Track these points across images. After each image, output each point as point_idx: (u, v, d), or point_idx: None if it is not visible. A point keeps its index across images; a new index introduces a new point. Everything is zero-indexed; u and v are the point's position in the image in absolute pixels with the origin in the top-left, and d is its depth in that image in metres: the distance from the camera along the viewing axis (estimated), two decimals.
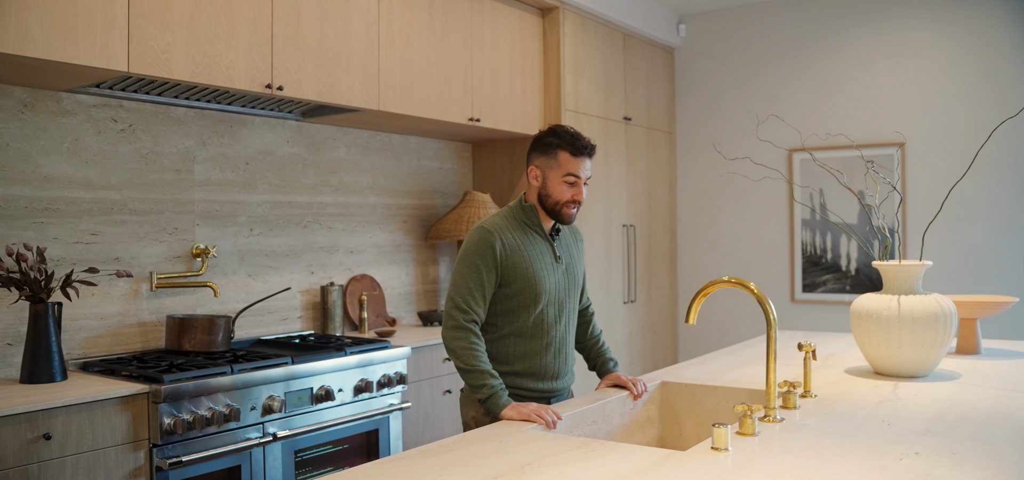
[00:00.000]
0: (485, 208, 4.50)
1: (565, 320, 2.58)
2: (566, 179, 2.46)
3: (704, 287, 2.28)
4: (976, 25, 5.04)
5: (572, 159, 2.45)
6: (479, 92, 4.30)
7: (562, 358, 2.58)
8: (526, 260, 2.46)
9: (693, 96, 5.98)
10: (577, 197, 2.47)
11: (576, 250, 2.68)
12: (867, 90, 5.34)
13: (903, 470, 1.68)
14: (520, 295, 2.46)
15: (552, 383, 2.56)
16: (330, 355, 3.28)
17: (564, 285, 2.56)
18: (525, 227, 2.53)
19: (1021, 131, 4.82)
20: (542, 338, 2.52)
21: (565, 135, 2.47)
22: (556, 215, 2.50)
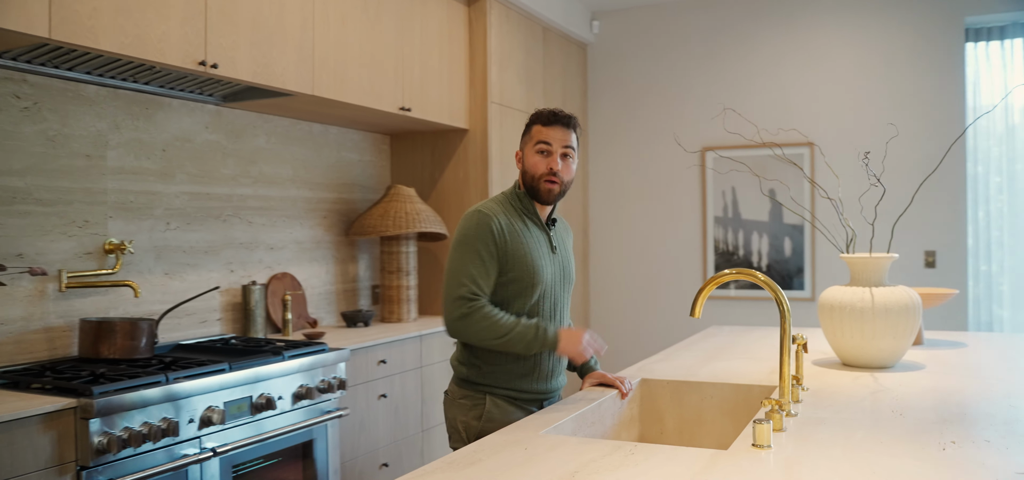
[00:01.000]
0: (411, 203, 4.28)
1: (559, 316, 2.44)
2: (538, 147, 2.32)
3: (711, 279, 2.20)
4: (880, 32, 5.27)
5: (543, 128, 2.33)
6: (409, 81, 4.09)
7: (556, 357, 2.43)
8: (524, 247, 2.31)
9: (605, 93, 5.97)
10: (552, 166, 2.30)
11: (570, 243, 2.56)
12: (778, 91, 5.49)
13: (958, 458, 1.65)
14: (516, 283, 2.30)
15: (546, 384, 2.41)
16: (267, 360, 3.00)
17: (559, 278, 2.43)
18: (521, 214, 2.38)
19: (924, 134, 5.07)
20: None
21: (539, 110, 2.37)
22: (535, 193, 2.33)
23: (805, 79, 5.44)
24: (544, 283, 2.34)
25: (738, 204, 5.59)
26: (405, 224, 4.19)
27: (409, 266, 4.35)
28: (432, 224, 4.31)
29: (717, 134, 5.60)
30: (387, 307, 4.33)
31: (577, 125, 2.39)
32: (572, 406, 2.23)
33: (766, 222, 5.51)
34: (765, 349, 3.20)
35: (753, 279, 2.13)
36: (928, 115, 5.09)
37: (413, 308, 4.36)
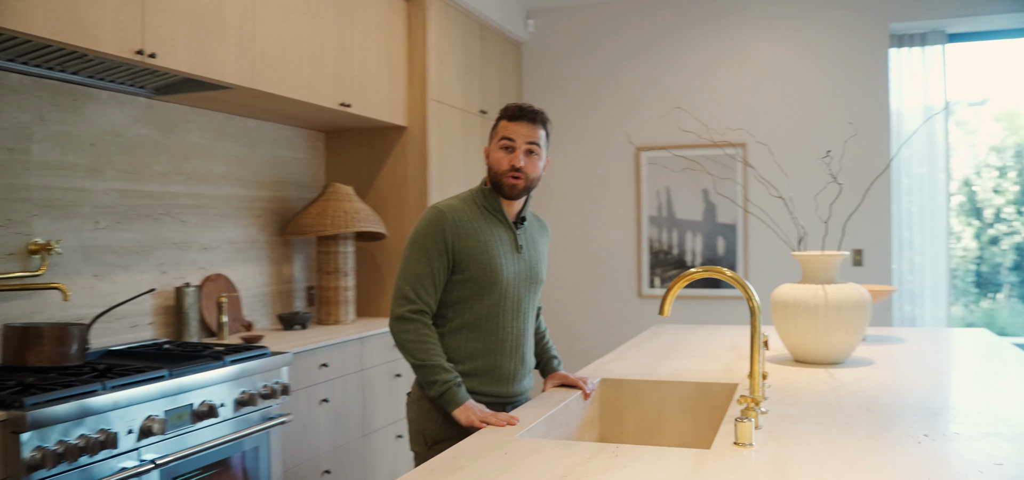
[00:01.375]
0: (349, 201, 4.17)
1: (523, 318, 2.36)
2: (502, 143, 2.27)
3: (678, 278, 2.18)
4: (809, 36, 5.41)
5: (509, 123, 2.29)
6: (349, 77, 3.97)
7: (519, 359, 2.36)
8: (482, 244, 2.25)
9: (540, 92, 5.95)
10: (515, 163, 2.25)
11: (543, 243, 2.48)
12: (711, 93, 5.57)
13: (936, 451, 1.67)
14: (473, 282, 2.24)
15: (507, 387, 2.34)
16: (209, 366, 2.85)
17: (524, 278, 2.34)
18: (484, 211, 2.32)
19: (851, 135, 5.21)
20: (496, 334, 2.29)
21: (506, 106, 2.32)
22: (499, 189, 2.29)
23: (737, 81, 5.54)
24: (503, 283, 2.27)
25: (672, 204, 5.65)
26: (343, 223, 4.07)
27: (347, 267, 4.23)
28: (371, 223, 4.20)
29: (651, 134, 5.66)
30: (324, 309, 4.21)
31: (545, 121, 2.34)
32: (540, 408, 2.19)
33: (700, 222, 5.59)
34: (715, 347, 3.22)
35: (721, 276, 2.13)
36: (855, 117, 5.24)
37: (351, 310, 4.25)
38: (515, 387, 2.36)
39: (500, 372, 2.31)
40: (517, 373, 2.36)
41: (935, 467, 1.58)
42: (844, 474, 1.55)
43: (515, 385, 2.36)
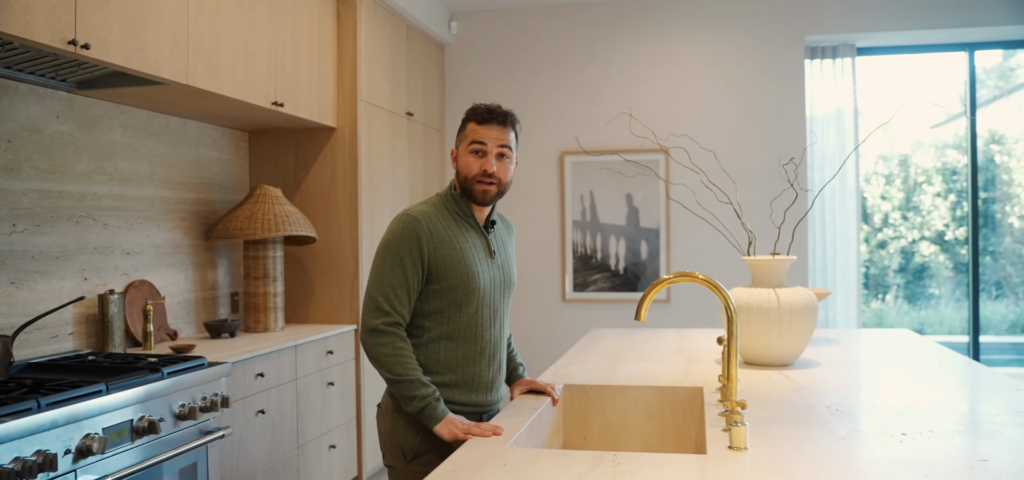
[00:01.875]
0: (279, 204, 4.02)
1: (498, 324, 2.29)
2: (472, 147, 2.18)
3: (656, 283, 2.19)
4: (729, 46, 5.57)
5: (477, 127, 2.19)
6: (282, 75, 3.83)
7: (496, 367, 2.30)
8: (458, 253, 2.17)
9: (463, 96, 5.91)
10: (486, 168, 2.16)
11: (511, 245, 2.42)
12: (634, 99, 5.66)
13: (921, 448, 1.72)
14: (451, 292, 2.17)
15: (486, 396, 2.28)
16: (146, 379, 2.68)
17: (499, 284, 2.28)
18: (456, 216, 2.23)
19: (770, 139, 5.40)
20: (476, 343, 2.22)
21: (474, 107, 2.23)
22: (470, 194, 2.20)
23: (660, 87, 5.65)
24: (480, 291, 2.20)
25: (596, 208, 5.71)
26: (274, 227, 3.92)
27: (276, 272, 4.08)
28: (301, 227, 4.06)
29: (575, 138, 5.70)
30: (252, 316, 4.04)
31: (515, 122, 2.26)
32: (519, 416, 2.14)
33: (623, 226, 5.67)
34: (662, 350, 3.26)
35: (693, 281, 2.14)
36: (772, 125, 5.43)
37: (280, 316, 4.09)
38: (492, 395, 2.31)
39: (479, 381, 2.25)
40: (495, 382, 2.31)
41: (928, 465, 1.63)
42: (847, 475, 1.58)
43: (492, 393, 2.31)
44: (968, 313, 5.91)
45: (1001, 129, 6.49)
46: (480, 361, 2.25)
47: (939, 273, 6.62)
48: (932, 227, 6.89)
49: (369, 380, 4.47)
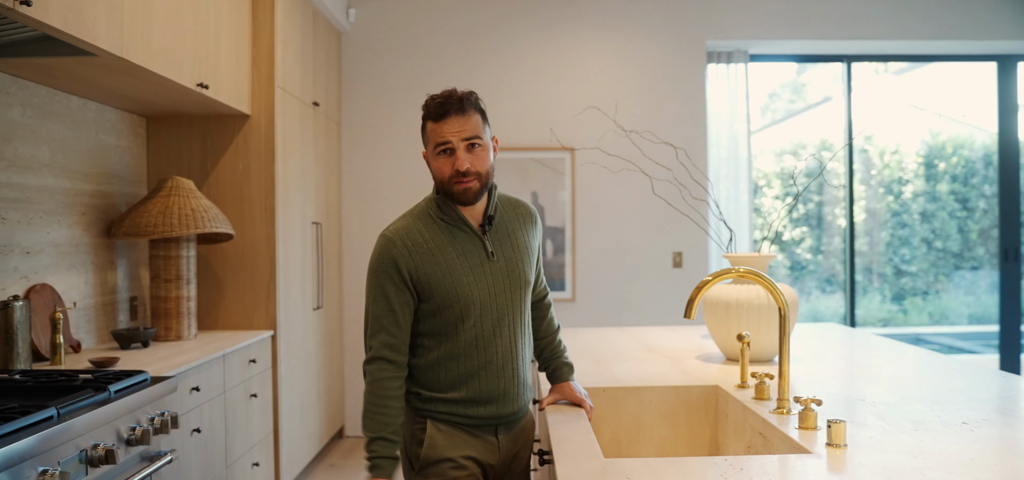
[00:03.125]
0: (194, 198, 3.62)
1: (509, 330, 2.07)
2: (438, 150, 1.99)
3: (707, 280, 2.11)
4: (633, 47, 5.62)
5: (436, 125, 2.00)
6: (206, 55, 3.44)
7: (510, 375, 2.08)
8: (443, 268, 1.99)
9: (360, 88, 5.61)
10: (459, 167, 1.97)
11: (523, 235, 2.14)
12: (540, 97, 5.59)
13: (987, 435, 1.75)
14: (444, 311, 2.00)
15: (499, 408, 2.08)
16: (93, 400, 2.30)
17: (503, 287, 2.05)
18: (442, 223, 2.04)
19: (675, 138, 5.50)
20: (478, 358, 2.04)
21: (428, 102, 2.02)
22: (452, 197, 2.02)
23: (565, 86, 5.62)
24: (477, 303, 2.01)
25: None
26: (190, 223, 3.52)
27: (189, 273, 3.66)
28: (219, 223, 3.67)
29: None
30: (162, 323, 3.60)
31: (477, 101, 2.04)
32: (584, 430, 2.00)
33: None
34: (633, 349, 3.19)
35: (754, 279, 2.09)
36: (675, 126, 5.54)
37: (193, 323, 3.68)
38: (510, 406, 2.10)
39: (489, 394, 2.07)
40: (510, 392, 2.09)
41: (1004, 448, 1.66)
42: (974, 459, 1.57)
43: (510, 404, 2.10)
44: (845, 308, 6.31)
45: (829, 138, 7.03)
46: (486, 374, 2.05)
47: (776, 272, 7.02)
48: (771, 228, 7.35)
49: (286, 389, 4.13)
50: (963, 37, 5.76)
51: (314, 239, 4.78)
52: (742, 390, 2.38)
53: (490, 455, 2.08)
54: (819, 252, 7.43)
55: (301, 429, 4.42)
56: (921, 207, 7.83)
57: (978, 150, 7.69)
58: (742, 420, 2.22)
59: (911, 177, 7.75)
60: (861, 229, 7.34)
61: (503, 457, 2.11)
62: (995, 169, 7.47)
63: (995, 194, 7.58)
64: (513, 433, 2.14)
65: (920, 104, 7.25)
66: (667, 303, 5.59)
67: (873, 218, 7.55)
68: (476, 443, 2.07)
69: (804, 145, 7.65)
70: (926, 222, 7.90)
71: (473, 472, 2.05)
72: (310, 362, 4.65)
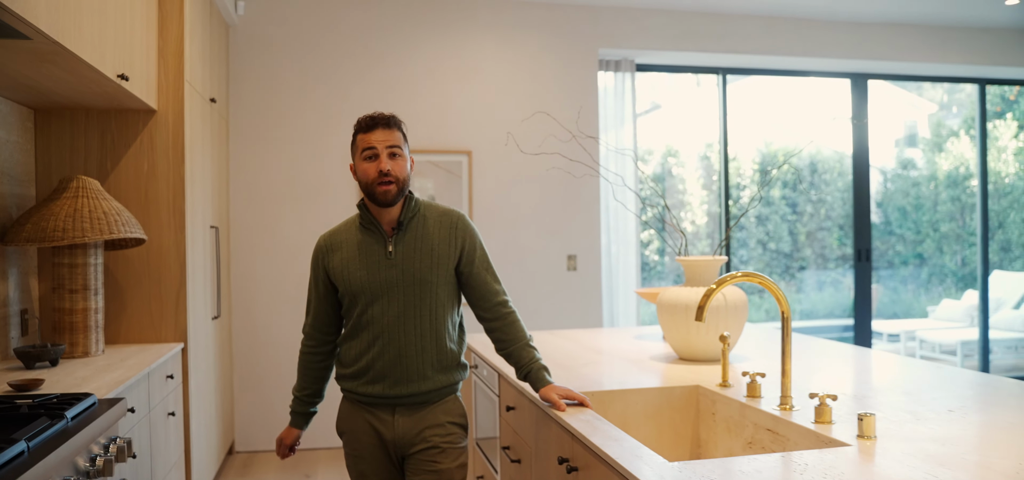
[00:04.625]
0: (104, 200, 3.31)
1: (407, 319, 2.35)
2: (364, 157, 2.32)
3: (718, 283, 2.18)
4: (530, 52, 5.68)
5: (365, 135, 2.34)
6: (124, 44, 3.15)
7: (403, 360, 2.35)
8: (345, 261, 2.38)
9: (250, 85, 5.33)
10: (381, 168, 2.29)
11: (437, 241, 2.38)
12: (437, 99, 5.53)
13: (984, 423, 1.92)
14: (346, 297, 2.40)
15: (387, 387, 2.37)
16: (54, 431, 2.06)
17: (396, 281, 2.33)
18: (360, 227, 2.40)
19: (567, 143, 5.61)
20: (367, 337, 2.36)
21: (359, 119, 2.39)
22: (374, 199, 2.32)
23: (463, 89, 5.59)
24: (366, 290, 2.34)
25: None
26: (103, 228, 3.21)
27: (97, 283, 3.34)
28: (132, 227, 3.38)
29: None
30: (67, 337, 3.26)
31: (400, 123, 2.40)
32: (616, 434, 2.01)
33: None
34: (583, 353, 3.24)
35: (760, 281, 2.18)
36: (568, 132, 5.65)
37: (100, 337, 3.36)
38: (403, 387, 2.37)
39: (379, 373, 2.36)
40: (402, 374, 2.36)
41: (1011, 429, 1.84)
42: (977, 447, 1.72)
43: (404, 386, 2.37)
44: None
45: (676, 144, 7.47)
46: (371, 351, 2.35)
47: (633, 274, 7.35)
48: None
49: (195, 405, 3.85)
50: (824, 55, 6.26)
51: (213, 244, 4.49)
52: (726, 388, 2.47)
53: (386, 430, 2.39)
54: (664, 253, 7.82)
55: (206, 446, 4.14)
56: (756, 211, 8.43)
57: (804, 159, 8.39)
58: (739, 418, 2.31)
59: (747, 183, 8.34)
60: (702, 231, 7.82)
61: (400, 434, 2.39)
62: (819, 176, 8.17)
63: (820, 200, 8.29)
64: (415, 415, 2.39)
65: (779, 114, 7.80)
66: (563, 306, 5.69)
67: (713, 221, 8.04)
68: (372, 419, 2.40)
69: (650, 150, 8.05)
70: (761, 225, 8.52)
71: (369, 443, 2.40)
72: (211, 375, 4.36)
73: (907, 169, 8.88)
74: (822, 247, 8.38)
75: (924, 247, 8.68)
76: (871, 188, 7.20)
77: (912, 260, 8.72)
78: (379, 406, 2.39)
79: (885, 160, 8.69)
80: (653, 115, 7.74)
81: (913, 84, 8.69)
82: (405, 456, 2.42)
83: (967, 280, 8.60)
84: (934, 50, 6.47)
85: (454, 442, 2.45)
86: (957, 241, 8.70)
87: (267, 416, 5.24)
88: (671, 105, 7.35)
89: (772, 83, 7.20)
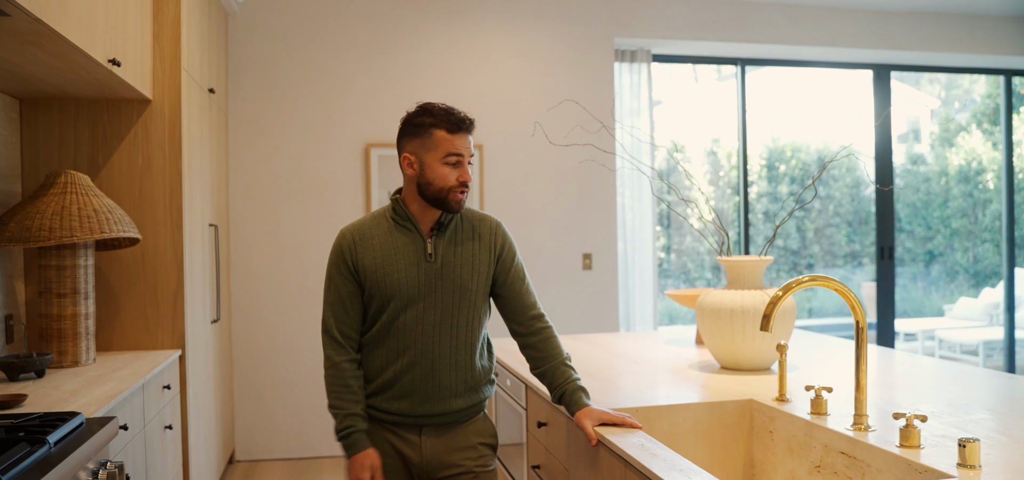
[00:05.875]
0: (95, 197, 3.06)
1: (443, 329, 2.15)
2: (447, 160, 2.11)
3: (785, 289, 1.94)
4: (544, 42, 5.43)
5: (451, 137, 2.13)
6: (116, 26, 2.90)
7: (436, 373, 2.15)
8: (379, 258, 2.14)
9: (251, 76, 5.07)
10: (463, 178, 2.13)
11: (476, 246, 2.20)
12: (447, 91, 5.28)
13: None
14: (374, 299, 2.15)
15: (415, 404, 2.16)
16: (34, 459, 1.81)
17: (435, 286, 2.13)
18: (394, 223, 2.18)
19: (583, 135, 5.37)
20: (397, 344, 2.14)
21: (438, 112, 2.14)
22: (442, 204, 2.14)
23: (472, 79, 5.34)
24: (402, 292, 2.12)
25: None
26: (94, 227, 2.96)
27: (87, 286, 3.09)
28: (124, 226, 3.12)
29: (383, 129, 5.18)
30: (55, 345, 3.01)
31: None
32: (674, 460, 1.76)
33: None
34: (616, 361, 3.00)
35: (832, 285, 1.94)
36: (584, 123, 5.41)
37: (91, 345, 3.11)
38: (433, 405, 2.17)
39: (407, 388, 2.16)
40: (433, 391, 2.16)
41: None
42: None
43: (433, 404, 2.16)
44: None
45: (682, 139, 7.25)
46: (400, 361, 2.15)
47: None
48: None
49: (194, 416, 3.61)
50: (846, 45, 6.02)
51: (212, 243, 4.23)
52: (784, 403, 2.24)
53: (412, 453, 2.19)
54: (670, 251, 7.59)
55: (205, 458, 3.90)
56: (764, 207, 8.20)
57: (812, 153, 8.15)
58: (803, 438, 2.07)
59: (755, 179, 8.10)
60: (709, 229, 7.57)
61: (428, 457, 2.19)
62: (828, 172, 7.93)
63: (829, 196, 8.05)
64: (445, 436, 2.20)
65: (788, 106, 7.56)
66: (578, 306, 5.45)
67: (722, 217, 7.79)
68: (396, 440, 2.19)
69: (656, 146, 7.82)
70: (769, 222, 8.28)
71: (391, 466, 2.19)
72: (210, 382, 4.11)
73: (916, 164, 8.65)
74: (830, 244, 8.15)
75: (935, 244, 8.46)
76: None
77: (923, 257, 8.49)
78: (403, 426, 2.20)
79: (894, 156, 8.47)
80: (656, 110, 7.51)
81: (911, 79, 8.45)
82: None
83: (982, 277, 8.38)
84: (961, 40, 6.23)
85: (486, 465, 2.27)
86: (969, 238, 8.47)
87: (269, 424, 5.00)
88: (674, 100, 7.12)
89: (786, 75, 6.97)
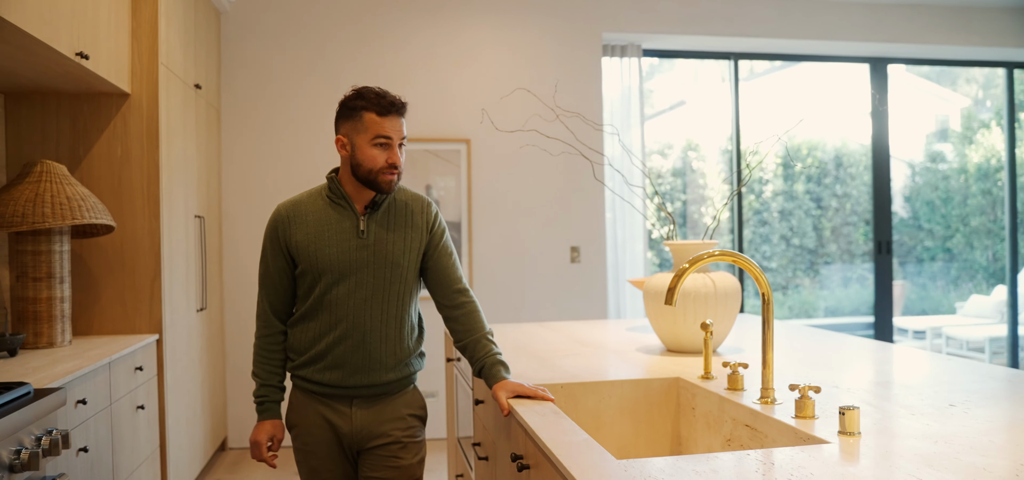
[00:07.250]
0: (69, 185, 3.19)
1: (374, 304, 2.21)
2: (376, 142, 2.18)
3: (690, 262, 1.99)
4: (531, 38, 5.50)
5: (380, 120, 2.18)
6: (84, 20, 3.02)
7: (366, 346, 2.22)
8: (311, 235, 2.21)
9: (242, 73, 5.20)
10: (393, 161, 2.19)
11: (408, 224, 2.27)
12: (434, 87, 5.37)
13: (982, 416, 1.72)
14: (306, 275, 2.22)
15: (346, 375, 2.23)
16: None
17: (367, 262, 2.20)
18: (329, 201, 2.24)
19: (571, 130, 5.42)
20: (330, 317, 2.21)
21: (370, 95, 2.20)
22: (373, 185, 2.20)
23: (460, 76, 5.42)
24: (332, 269, 2.19)
25: None
26: (66, 213, 3.09)
27: (63, 271, 3.22)
28: (98, 213, 3.25)
29: None
30: (30, 327, 3.14)
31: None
32: (571, 428, 1.82)
33: None
34: (564, 343, 3.05)
35: (735, 260, 1.99)
36: (572, 119, 5.46)
37: (67, 327, 3.24)
38: (364, 377, 2.24)
39: (336, 361, 2.22)
40: (359, 363, 2.23)
41: (1012, 430, 1.63)
42: (976, 447, 1.51)
43: (365, 375, 2.24)
44: None
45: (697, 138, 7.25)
46: (330, 335, 2.21)
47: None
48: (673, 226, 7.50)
49: (172, 399, 3.73)
50: (839, 38, 6.00)
51: (198, 234, 4.36)
52: (708, 381, 2.28)
53: (343, 423, 2.26)
54: None
55: (187, 442, 4.01)
56: (780, 206, 8.18)
57: (829, 152, 8.11)
58: (718, 412, 2.12)
59: (771, 177, 8.08)
60: (724, 227, 7.59)
61: (358, 428, 2.26)
62: (845, 170, 7.89)
63: (846, 194, 8.01)
64: (375, 407, 2.27)
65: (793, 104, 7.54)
66: (564, 298, 5.50)
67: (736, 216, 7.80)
68: (327, 411, 2.26)
69: (670, 145, 7.83)
70: (784, 220, 8.26)
71: (323, 438, 2.26)
72: (194, 369, 4.23)
73: (936, 162, 8.56)
74: (848, 242, 8.11)
75: (953, 242, 8.37)
76: (898, 182, 6.94)
77: (940, 255, 8.41)
78: (335, 397, 2.27)
79: (913, 153, 8.39)
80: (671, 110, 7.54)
81: (947, 78, 8.38)
82: (362, 451, 2.30)
83: (998, 275, 8.28)
84: (957, 32, 6.18)
85: (414, 435, 2.35)
86: (987, 235, 8.38)
87: None
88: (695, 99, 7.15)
89: (787, 73, 6.97)
